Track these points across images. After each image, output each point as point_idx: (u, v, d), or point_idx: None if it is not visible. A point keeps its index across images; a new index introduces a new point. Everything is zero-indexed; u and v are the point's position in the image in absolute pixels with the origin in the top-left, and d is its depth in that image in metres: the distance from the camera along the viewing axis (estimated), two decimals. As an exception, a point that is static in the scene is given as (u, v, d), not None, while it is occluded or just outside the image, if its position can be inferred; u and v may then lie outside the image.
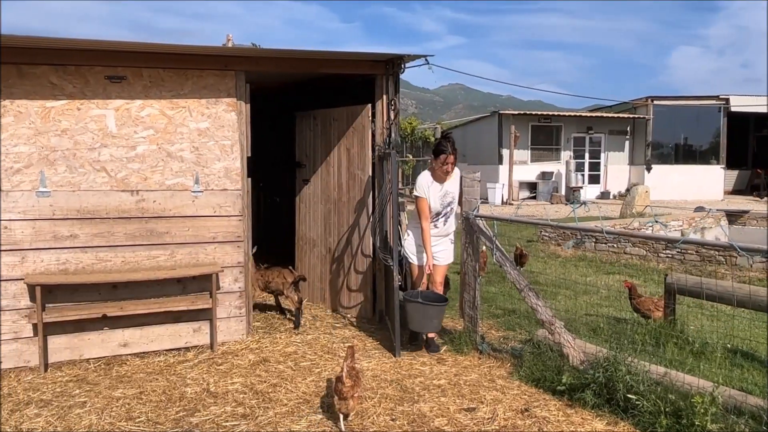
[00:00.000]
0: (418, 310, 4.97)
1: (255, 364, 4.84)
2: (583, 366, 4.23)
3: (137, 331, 5.11)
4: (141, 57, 4.98)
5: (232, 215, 5.39)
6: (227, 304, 5.42)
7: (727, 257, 8.70)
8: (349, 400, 3.66)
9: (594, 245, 10.26)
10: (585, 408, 3.97)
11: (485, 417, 3.93)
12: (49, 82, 4.77)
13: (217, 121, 5.28)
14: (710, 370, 4.21)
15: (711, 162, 23.95)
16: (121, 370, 4.76)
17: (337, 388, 3.66)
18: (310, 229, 6.91)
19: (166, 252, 5.21)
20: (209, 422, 3.83)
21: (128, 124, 5.01)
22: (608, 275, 8.66)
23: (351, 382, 3.65)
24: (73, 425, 3.77)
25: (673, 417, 3.59)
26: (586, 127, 23.66)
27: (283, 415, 3.94)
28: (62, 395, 4.24)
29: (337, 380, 3.69)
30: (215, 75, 5.23)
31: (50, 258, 4.85)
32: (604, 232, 3.89)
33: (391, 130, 5.74)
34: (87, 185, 4.92)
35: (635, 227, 9.85)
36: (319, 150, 6.66)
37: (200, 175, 5.25)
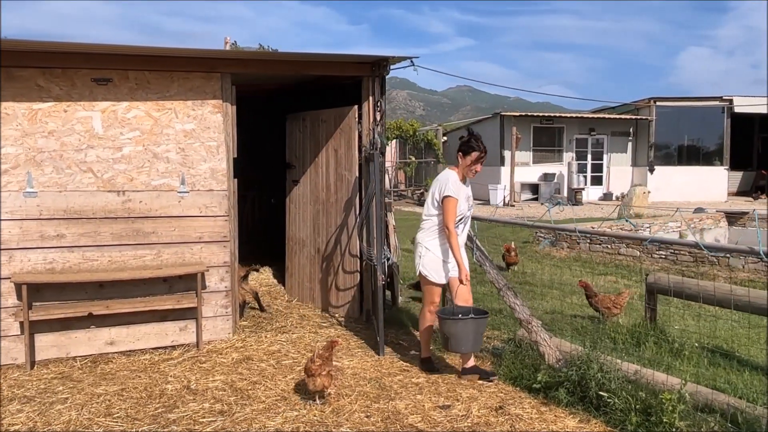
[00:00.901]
0: (470, 327, 4.36)
1: (238, 362, 4.91)
2: (558, 364, 4.26)
3: (124, 330, 5.18)
4: (127, 59, 5.06)
5: (219, 215, 5.46)
6: (213, 303, 5.49)
7: (720, 258, 8.70)
8: (317, 378, 3.97)
9: (588, 246, 10.27)
10: (559, 406, 4.01)
11: (459, 414, 3.97)
12: (36, 84, 4.86)
13: (203, 123, 5.35)
14: (680, 369, 4.24)
15: (714, 163, 23.83)
16: (107, 367, 4.83)
17: (307, 366, 4.02)
18: (299, 230, 6.98)
19: (153, 252, 5.28)
20: (186, 418, 3.90)
21: (114, 126, 5.10)
22: (600, 276, 8.67)
23: (320, 361, 3.99)
24: (52, 421, 3.85)
25: (643, 414, 3.62)
26: (589, 129, 23.62)
27: (259, 411, 4.00)
28: (45, 392, 4.31)
29: (309, 360, 4.05)
30: (201, 77, 5.30)
31: (37, 257, 4.94)
32: (576, 231, 3.92)
33: (374, 131, 5.79)
34: (73, 186, 5.01)
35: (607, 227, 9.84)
36: (308, 151, 6.72)
37: (186, 175, 5.32)
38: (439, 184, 4.58)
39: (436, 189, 4.58)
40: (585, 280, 5.93)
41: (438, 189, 4.56)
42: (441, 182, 4.58)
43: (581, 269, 9.21)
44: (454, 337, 4.38)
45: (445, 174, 4.65)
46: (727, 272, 8.32)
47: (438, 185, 4.59)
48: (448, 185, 4.51)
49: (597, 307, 5.64)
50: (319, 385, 3.99)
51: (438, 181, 4.63)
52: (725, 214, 14.35)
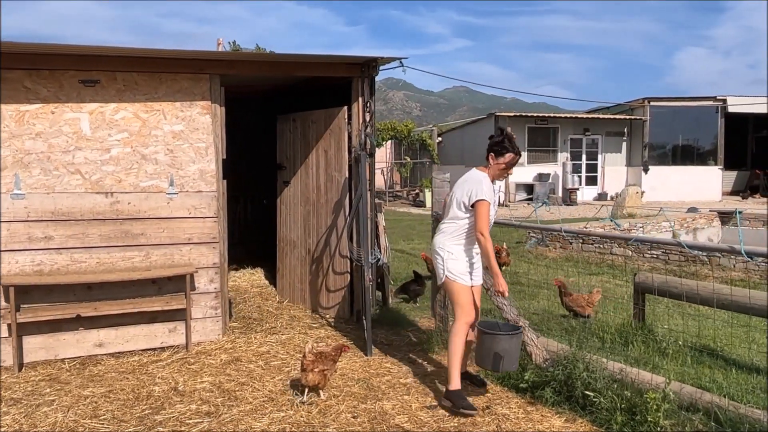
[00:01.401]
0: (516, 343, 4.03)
1: (226, 364, 4.90)
2: (545, 364, 4.27)
3: (113, 332, 5.18)
4: (114, 61, 5.06)
5: (208, 216, 5.46)
6: (203, 304, 5.49)
7: (711, 258, 8.72)
8: (309, 373, 4.04)
9: (581, 246, 10.29)
10: (545, 405, 4.02)
11: (446, 414, 3.97)
12: (23, 86, 4.85)
13: (192, 124, 5.35)
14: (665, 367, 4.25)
15: (709, 163, 23.91)
16: (95, 369, 4.82)
17: (301, 361, 4.10)
18: (290, 231, 6.98)
19: (141, 253, 5.28)
20: (173, 420, 3.89)
21: (102, 127, 5.09)
22: (592, 276, 8.69)
23: (312, 357, 4.06)
24: (38, 423, 3.84)
25: (628, 413, 3.63)
26: (583, 129, 23.69)
27: (246, 413, 3.99)
28: (33, 394, 4.31)
29: (303, 355, 4.11)
30: (189, 78, 5.30)
31: (25, 259, 4.93)
32: (562, 231, 3.93)
33: (362, 132, 5.79)
34: (61, 187, 5.00)
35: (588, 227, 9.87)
36: (299, 152, 6.73)
37: (175, 177, 5.32)
38: (469, 185, 4.12)
39: (464, 191, 4.13)
40: (560, 279, 5.97)
41: (468, 191, 4.10)
42: (472, 184, 4.12)
43: (573, 269, 9.23)
44: (509, 354, 3.94)
45: (475, 175, 4.19)
46: (717, 272, 8.35)
47: (467, 187, 4.13)
48: (482, 188, 4.05)
49: (570, 306, 5.69)
50: (310, 381, 4.07)
51: (467, 182, 4.17)
52: (718, 214, 14.39)
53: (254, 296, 7.22)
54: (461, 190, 4.17)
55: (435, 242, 4.31)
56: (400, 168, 27.30)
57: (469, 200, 4.07)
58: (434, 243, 4.31)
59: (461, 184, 4.22)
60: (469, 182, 4.17)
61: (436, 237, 4.31)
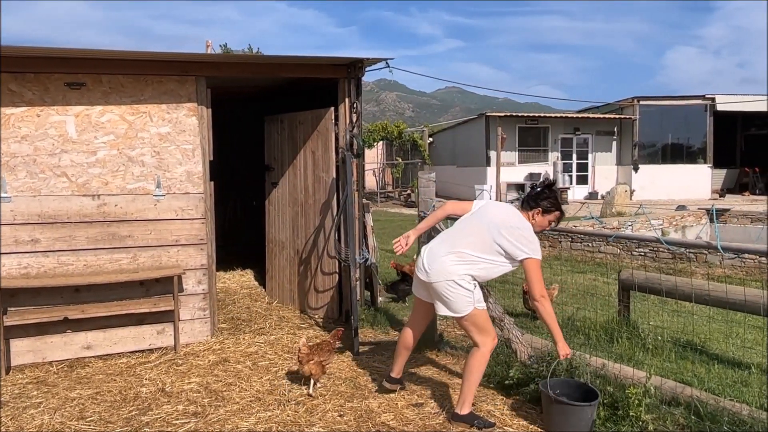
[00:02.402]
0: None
1: (214, 364, 4.92)
2: (530, 360, 4.31)
3: (101, 334, 5.18)
4: (100, 63, 5.07)
5: (195, 218, 5.47)
6: (191, 306, 5.50)
7: (697, 254, 8.80)
8: (305, 365, 4.24)
9: (570, 245, 10.35)
10: (530, 401, 4.06)
11: (432, 412, 4.01)
12: (8, 89, 4.86)
13: (178, 126, 5.36)
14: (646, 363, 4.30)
15: (698, 161, 24.09)
16: (83, 372, 4.83)
17: (298, 354, 4.30)
18: (279, 232, 7.00)
19: (129, 255, 5.29)
20: (159, 420, 3.91)
21: (88, 130, 5.10)
22: (579, 274, 8.75)
23: (307, 350, 4.27)
24: (24, 425, 3.85)
25: (611, 408, 3.67)
26: (574, 128, 23.81)
27: (233, 412, 4.01)
28: (20, 396, 4.31)
29: (298, 350, 4.32)
30: (175, 80, 5.31)
31: (11, 262, 4.93)
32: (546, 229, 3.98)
33: (348, 132, 5.82)
34: (48, 190, 5.00)
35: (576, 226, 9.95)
36: (287, 153, 6.75)
37: (162, 179, 5.33)
38: (515, 233, 3.70)
39: (513, 237, 3.68)
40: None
41: (518, 240, 3.68)
42: (519, 232, 3.71)
43: (561, 267, 9.29)
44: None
45: (521, 221, 3.79)
46: (704, 268, 8.44)
47: (517, 234, 3.70)
48: (531, 241, 3.70)
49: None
50: (306, 372, 4.26)
51: (512, 229, 3.71)
52: (707, 212, 14.50)
53: (243, 297, 7.24)
54: (502, 232, 3.70)
55: (454, 270, 3.70)
56: (391, 169, 27.33)
57: (515, 249, 3.68)
58: (451, 271, 3.70)
59: (506, 227, 3.71)
60: (516, 229, 3.71)
61: (455, 266, 3.71)
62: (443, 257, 3.76)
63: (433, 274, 3.74)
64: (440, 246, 3.85)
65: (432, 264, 3.77)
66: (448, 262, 3.73)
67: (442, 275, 3.71)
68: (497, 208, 3.92)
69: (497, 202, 4.12)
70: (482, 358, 3.78)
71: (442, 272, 3.72)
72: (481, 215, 3.86)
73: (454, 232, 3.91)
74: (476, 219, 3.86)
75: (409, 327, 4.24)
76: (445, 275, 3.71)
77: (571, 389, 3.75)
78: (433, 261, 3.78)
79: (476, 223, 3.83)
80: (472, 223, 3.85)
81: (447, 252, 3.77)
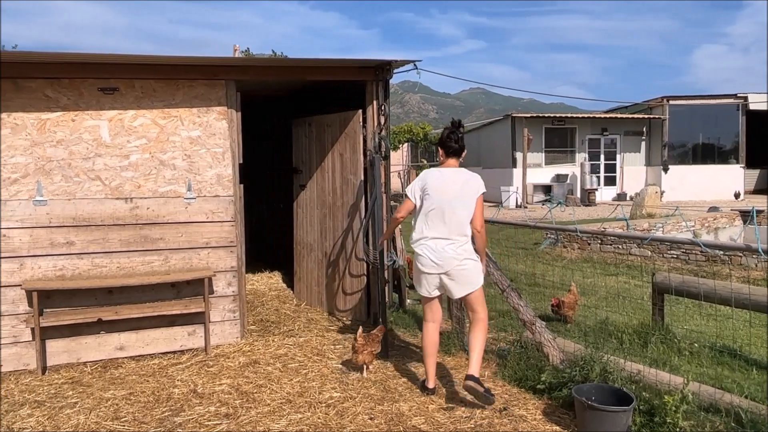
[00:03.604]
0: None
1: (244, 366, 4.95)
2: (562, 365, 4.25)
3: (133, 335, 5.25)
4: (132, 69, 5.14)
5: (225, 221, 5.52)
6: (221, 307, 5.55)
7: (732, 257, 8.60)
8: (359, 354, 4.62)
9: (599, 247, 10.21)
10: (563, 406, 4.00)
11: (463, 416, 3.97)
12: (44, 94, 4.95)
13: (209, 130, 5.42)
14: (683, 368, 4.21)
15: (730, 161, 23.59)
16: (116, 372, 4.90)
17: (353, 344, 4.67)
18: (307, 234, 7.02)
19: (161, 257, 5.35)
20: (192, 422, 3.94)
21: (121, 134, 5.18)
22: (611, 276, 8.62)
23: (363, 341, 4.63)
24: (61, 425, 3.91)
25: (647, 415, 3.60)
26: (601, 129, 23.50)
27: (264, 414, 4.03)
28: (56, 396, 4.39)
29: (354, 339, 4.67)
30: (205, 84, 5.37)
31: (47, 264, 5.02)
32: (577, 231, 3.92)
33: (375, 135, 5.82)
34: (82, 194, 5.09)
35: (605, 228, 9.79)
36: (314, 156, 6.77)
37: (193, 182, 5.39)
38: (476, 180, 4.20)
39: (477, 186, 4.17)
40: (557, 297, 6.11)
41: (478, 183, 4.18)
42: (475, 177, 4.21)
43: (592, 270, 9.16)
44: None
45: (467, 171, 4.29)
46: (739, 271, 8.24)
47: (476, 180, 4.19)
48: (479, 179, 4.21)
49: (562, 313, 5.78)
50: (361, 361, 4.64)
51: (474, 178, 4.20)
52: (740, 213, 14.17)
53: (272, 299, 7.28)
54: (476, 185, 4.14)
55: (463, 251, 4.07)
56: (416, 170, 27.30)
57: (481, 189, 4.15)
58: (460, 252, 4.06)
59: (471, 180, 4.16)
60: (473, 176, 4.20)
61: (463, 246, 4.07)
62: (447, 245, 4.07)
63: (446, 263, 4.06)
64: (437, 237, 4.10)
65: (441, 255, 4.08)
66: (454, 246, 4.07)
67: (455, 259, 4.05)
68: (447, 176, 4.17)
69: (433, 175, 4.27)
70: (486, 325, 4.23)
71: (455, 257, 4.05)
72: (443, 193, 4.10)
73: (436, 219, 4.11)
74: (439, 197, 4.10)
75: (432, 322, 4.37)
76: (457, 257, 4.05)
77: (605, 394, 3.69)
78: (440, 252, 4.09)
79: (448, 199, 4.08)
80: (440, 203, 4.09)
81: (445, 237, 4.08)
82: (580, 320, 5.84)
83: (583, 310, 6.34)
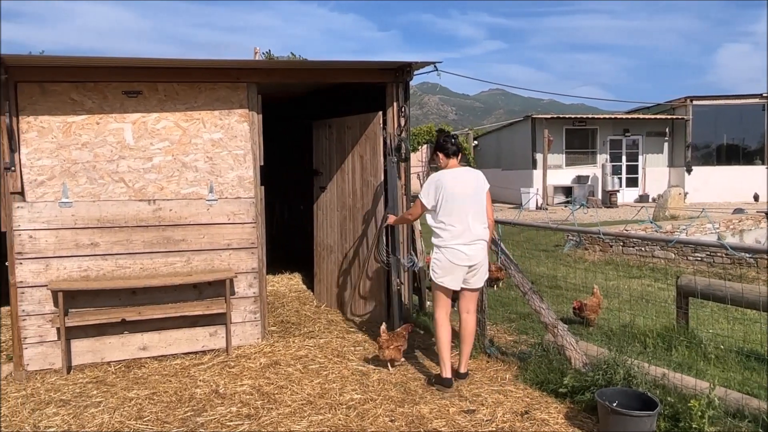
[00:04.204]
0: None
1: (265, 367, 4.98)
2: (585, 368, 4.21)
3: (156, 335, 5.31)
4: (155, 72, 5.20)
5: (246, 222, 5.56)
6: (242, 308, 5.58)
7: (757, 259, 8.44)
8: (385, 350, 4.79)
9: (622, 249, 10.09)
10: (585, 410, 3.96)
11: (484, 419, 3.95)
12: (69, 98, 5.03)
13: (230, 132, 5.46)
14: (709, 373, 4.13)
15: (755, 162, 23.17)
16: (139, 372, 4.95)
17: (377, 340, 4.88)
18: (327, 236, 7.04)
19: (183, 258, 5.40)
20: (214, 422, 3.97)
21: (145, 137, 5.24)
22: (634, 279, 8.51)
23: (387, 336, 4.83)
24: (86, 423, 3.97)
25: (672, 420, 3.55)
26: (623, 130, 23.24)
27: (285, 415, 4.05)
28: (81, 396, 4.45)
29: (379, 335, 4.88)
30: (227, 87, 5.41)
31: (72, 265, 5.10)
32: (600, 233, 3.87)
33: (397, 136, 5.82)
34: (106, 195, 5.16)
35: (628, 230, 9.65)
36: (335, 158, 6.79)
37: (214, 184, 5.44)
38: (482, 178, 4.65)
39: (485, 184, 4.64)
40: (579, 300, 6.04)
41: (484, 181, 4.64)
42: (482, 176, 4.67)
43: (614, 272, 9.06)
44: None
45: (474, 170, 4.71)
46: (765, 274, 8.08)
47: (483, 179, 4.64)
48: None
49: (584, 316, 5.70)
50: (387, 356, 4.80)
51: (481, 177, 4.64)
52: (767, 215, 13.91)
53: (292, 300, 7.31)
54: (484, 183, 4.59)
55: (484, 245, 4.53)
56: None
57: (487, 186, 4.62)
58: (485, 246, 4.53)
59: (479, 180, 4.57)
60: (480, 174, 4.64)
61: (485, 237, 4.51)
62: (477, 240, 4.45)
63: (476, 256, 4.46)
64: (467, 233, 4.41)
65: (472, 249, 4.43)
66: (481, 242, 4.49)
67: (483, 251, 4.52)
68: (460, 177, 4.50)
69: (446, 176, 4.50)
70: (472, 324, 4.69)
71: (482, 249, 4.51)
72: (463, 191, 4.44)
73: (462, 215, 4.41)
74: (459, 196, 4.42)
75: (446, 312, 4.62)
76: (484, 251, 4.52)
77: (628, 399, 3.64)
78: (472, 246, 4.43)
79: (463, 196, 4.43)
80: (462, 202, 4.42)
81: (473, 232, 4.42)
82: (602, 323, 5.77)
83: (606, 313, 6.27)
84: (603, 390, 3.69)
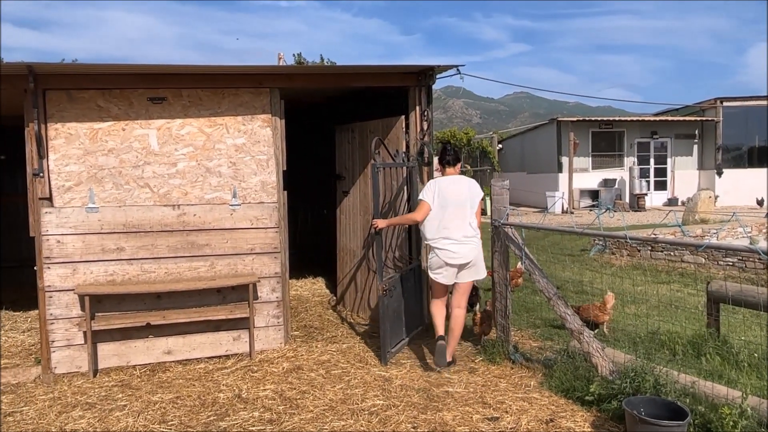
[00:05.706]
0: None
1: (288, 372, 4.97)
2: (612, 376, 4.12)
3: (180, 339, 5.35)
4: (180, 78, 5.25)
5: (269, 227, 5.57)
6: (265, 313, 5.59)
7: (792, 264, 8.20)
8: (478, 326, 5.51)
9: (650, 254, 9.89)
10: (612, 419, 3.87)
11: (508, 427, 3.89)
12: (96, 105, 5.11)
13: (253, 137, 5.49)
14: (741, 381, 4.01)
15: (788, 164, 22.56)
16: (163, 376, 4.99)
17: (474, 319, 5.59)
18: (350, 240, 7.03)
19: (207, 263, 5.44)
20: (237, 426, 3.98)
21: (169, 142, 5.29)
22: (662, 284, 8.33)
23: (480, 316, 5.49)
24: (111, 426, 4.00)
25: (702, 429, 3.46)
26: (651, 132, 22.83)
27: (307, 421, 4.03)
28: (106, 399, 4.50)
29: (474, 314, 5.67)
30: (250, 93, 5.44)
31: (99, 270, 5.16)
32: (627, 238, 3.79)
33: (418, 141, 5.79)
34: (132, 201, 5.22)
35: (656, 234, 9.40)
36: (357, 162, 6.78)
37: (237, 189, 5.47)
38: (476, 184, 5.14)
39: (477, 191, 5.09)
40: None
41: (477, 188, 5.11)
42: (475, 183, 5.16)
43: (642, 278, 8.88)
44: None
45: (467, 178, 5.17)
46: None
47: (476, 186, 5.13)
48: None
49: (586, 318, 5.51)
50: (479, 331, 5.48)
51: (474, 184, 5.12)
52: (800, 218, 13.51)
53: (315, 305, 7.31)
54: (477, 189, 5.05)
55: (477, 243, 4.99)
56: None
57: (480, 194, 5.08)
58: (477, 243, 4.99)
59: (472, 186, 5.04)
60: (473, 182, 5.12)
61: (475, 238, 4.96)
62: (468, 240, 4.90)
63: (467, 255, 4.89)
64: (458, 233, 4.88)
65: (463, 248, 4.88)
66: (473, 242, 4.93)
67: (474, 251, 4.93)
68: (456, 182, 5.01)
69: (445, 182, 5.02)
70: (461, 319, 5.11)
71: (473, 249, 4.92)
72: (458, 195, 4.94)
73: (454, 218, 4.89)
74: (452, 200, 4.90)
75: (440, 300, 5.13)
76: (475, 250, 4.93)
77: (657, 408, 3.55)
78: (463, 246, 4.88)
79: (462, 200, 4.93)
80: (455, 205, 4.90)
81: (465, 233, 4.89)
82: (630, 329, 5.64)
83: (633, 319, 6.14)
84: (630, 398, 3.61)
